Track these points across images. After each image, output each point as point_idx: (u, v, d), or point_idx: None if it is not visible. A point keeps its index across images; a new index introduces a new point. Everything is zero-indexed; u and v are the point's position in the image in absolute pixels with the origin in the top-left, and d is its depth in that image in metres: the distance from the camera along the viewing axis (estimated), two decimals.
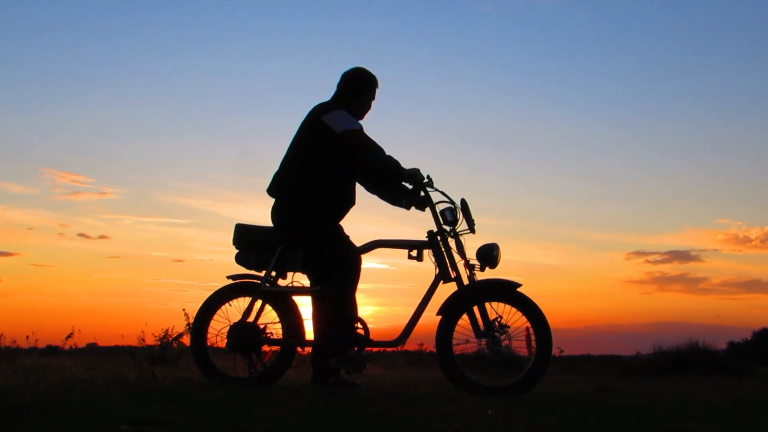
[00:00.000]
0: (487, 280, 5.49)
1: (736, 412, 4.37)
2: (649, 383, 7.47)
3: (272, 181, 5.70)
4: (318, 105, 5.66)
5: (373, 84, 5.75)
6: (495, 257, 5.48)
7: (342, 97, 5.69)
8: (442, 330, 5.48)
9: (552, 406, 4.46)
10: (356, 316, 5.50)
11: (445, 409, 4.07)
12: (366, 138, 5.50)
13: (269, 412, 3.85)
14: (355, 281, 5.49)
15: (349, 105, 5.64)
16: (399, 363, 10.05)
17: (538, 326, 5.39)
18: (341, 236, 5.62)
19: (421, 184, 5.55)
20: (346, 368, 5.48)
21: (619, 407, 4.49)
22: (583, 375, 9.52)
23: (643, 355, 12.40)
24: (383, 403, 4.44)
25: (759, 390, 6.61)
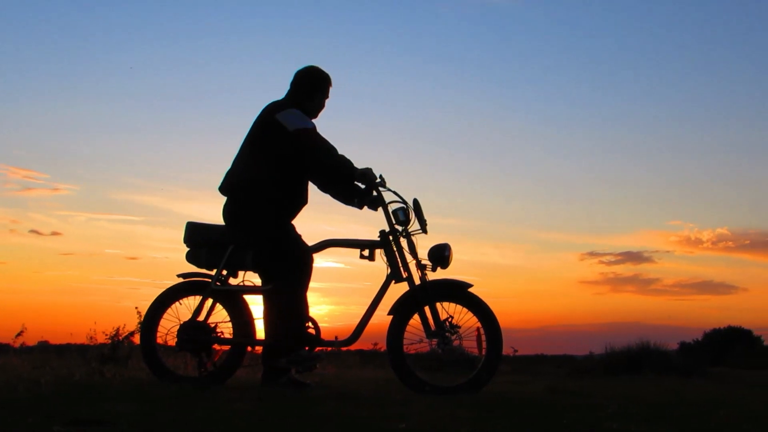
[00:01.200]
0: (438, 280, 5.49)
1: (681, 412, 4.42)
2: (600, 383, 7.52)
3: (224, 179, 5.66)
4: (271, 103, 5.63)
5: (326, 82, 5.74)
6: (446, 257, 5.49)
7: (295, 96, 5.67)
8: (392, 330, 5.48)
9: (500, 406, 4.46)
10: (307, 316, 5.49)
11: (394, 410, 4.06)
12: (319, 137, 5.49)
13: (215, 412, 3.83)
14: (306, 280, 5.47)
15: (302, 103, 5.62)
16: (353, 362, 10.03)
17: (489, 326, 5.41)
18: (293, 235, 5.60)
19: (374, 183, 5.55)
20: (297, 368, 5.46)
21: (566, 407, 4.51)
22: (536, 375, 9.56)
23: (595, 355, 12.50)
24: (332, 403, 4.43)
25: (707, 390, 6.69)
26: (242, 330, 5.64)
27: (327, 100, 5.78)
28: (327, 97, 5.77)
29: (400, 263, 5.55)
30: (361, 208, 5.79)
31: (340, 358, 10.26)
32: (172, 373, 5.62)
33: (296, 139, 5.44)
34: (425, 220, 5.59)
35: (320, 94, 5.71)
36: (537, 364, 12.92)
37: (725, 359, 16.52)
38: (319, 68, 5.75)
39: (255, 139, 5.59)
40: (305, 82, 5.69)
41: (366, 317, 5.55)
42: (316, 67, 5.76)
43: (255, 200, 5.52)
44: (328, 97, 5.77)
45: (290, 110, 5.50)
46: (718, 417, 4.12)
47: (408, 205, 5.59)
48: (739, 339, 19.61)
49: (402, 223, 5.57)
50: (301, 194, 5.70)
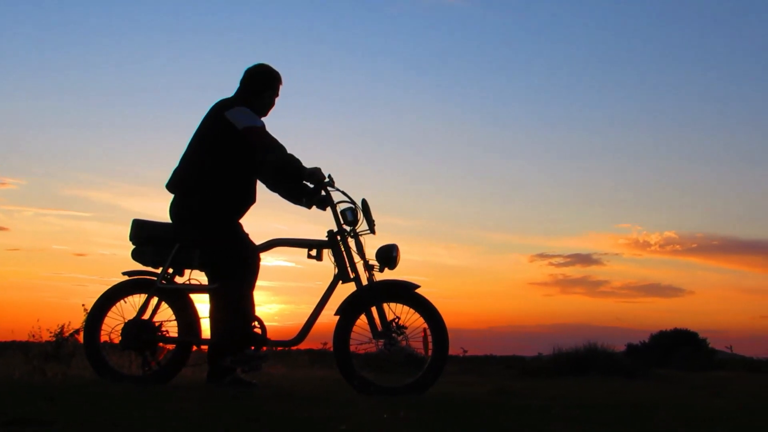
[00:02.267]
0: (385, 280, 5.50)
1: (622, 414, 4.46)
2: (547, 384, 7.58)
3: (171, 176, 5.61)
4: (220, 101, 5.59)
5: (276, 80, 5.71)
6: (394, 258, 5.50)
7: (245, 94, 5.63)
8: (339, 330, 5.47)
9: (444, 407, 4.48)
10: (253, 315, 5.47)
11: (336, 411, 4.05)
12: (268, 136, 5.47)
13: (154, 412, 3.79)
14: (252, 280, 5.45)
15: (251, 101, 5.59)
16: (301, 362, 9.99)
17: (435, 327, 5.42)
18: (240, 234, 5.56)
19: (322, 183, 5.54)
20: (242, 367, 5.44)
21: (511, 409, 4.54)
22: (484, 375, 9.62)
23: (544, 356, 12.61)
24: (275, 403, 4.41)
25: (650, 392, 6.77)
26: (188, 329, 5.60)
27: (277, 99, 5.75)
28: (277, 96, 5.74)
29: (348, 263, 5.55)
30: (310, 208, 5.77)
31: (289, 358, 10.21)
32: (115, 372, 5.56)
33: (245, 137, 5.41)
34: (373, 220, 5.60)
35: (270, 92, 5.68)
36: (486, 365, 13.00)
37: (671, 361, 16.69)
38: (269, 66, 5.72)
39: (203, 136, 5.55)
40: (255, 79, 5.65)
41: (313, 317, 5.54)
42: (266, 65, 5.73)
43: (202, 198, 5.48)
44: (278, 96, 5.75)
45: (240, 108, 5.47)
46: (657, 419, 4.17)
47: (356, 206, 5.59)
48: (685, 341, 19.86)
49: (350, 223, 5.57)
50: (249, 193, 5.67)
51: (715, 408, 4.92)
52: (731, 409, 4.89)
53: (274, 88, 5.70)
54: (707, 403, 5.38)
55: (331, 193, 5.61)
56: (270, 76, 5.69)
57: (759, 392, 6.94)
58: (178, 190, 5.56)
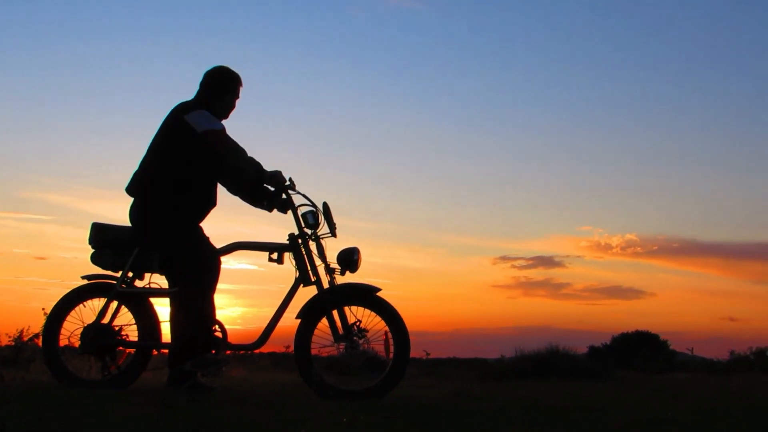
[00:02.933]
0: (346, 284, 5.51)
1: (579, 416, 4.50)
2: (508, 387, 7.62)
3: (131, 179, 5.58)
4: (180, 104, 5.57)
5: (236, 83, 5.69)
6: (355, 261, 5.51)
7: (204, 96, 5.61)
8: (300, 334, 5.47)
9: (402, 411, 4.50)
10: (214, 319, 5.45)
11: (294, 414, 4.05)
12: (228, 139, 5.45)
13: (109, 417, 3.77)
14: (213, 283, 5.42)
15: (211, 104, 5.57)
16: (263, 365, 9.99)
17: (396, 331, 5.44)
18: (200, 237, 5.55)
19: (283, 186, 5.54)
20: (203, 371, 5.41)
21: (468, 412, 4.56)
22: (446, 378, 9.65)
23: (506, 359, 12.67)
24: (233, 407, 4.40)
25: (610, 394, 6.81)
26: (147, 333, 5.57)
27: (237, 101, 5.74)
28: (237, 98, 5.72)
29: (309, 267, 5.55)
30: (271, 211, 5.76)
31: (250, 361, 10.20)
32: (74, 377, 5.51)
33: (205, 140, 5.39)
34: (335, 223, 5.60)
35: (230, 94, 5.66)
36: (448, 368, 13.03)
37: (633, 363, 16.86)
38: (228, 68, 5.71)
39: (163, 140, 5.52)
40: (214, 82, 5.63)
41: (273, 321, 5.54)
42: (225, 68, 5.71)
43: (162, 202, 5.45)
44: (238, 98, 5.73)
45: (199, 111, 5.45)
46: (614, 422, 4.21)
47: (317, 209, 5.59)
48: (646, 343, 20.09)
49: (311, 226, 5.57)
50: (209, 196, 5.65)
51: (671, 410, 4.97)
52: (687, 412, 4.95)
53: (234, 90, 5.68)
54: (664, 405, 5.44)
55: (292, 197, 5.62)
56: (230, 78, 5.67)
57: (717, 394, 7.00)
58: (138, 193, 5.53)
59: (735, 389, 7.78)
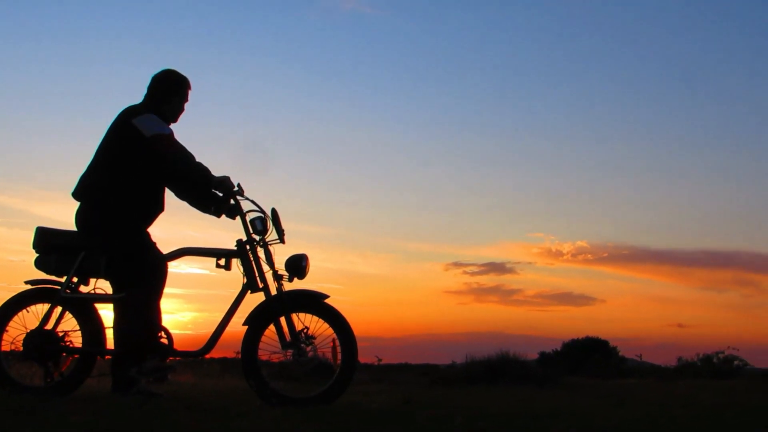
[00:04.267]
0: (294, 290, 5.48)
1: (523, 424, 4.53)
2: (457, 393, 7.64)
3: (78, 183, 5.52)
4: (127, 108, 5.51)
5: (184, 86, 5.65)
6: (303, 268, 5.49)
7: (152, 100, 5.56)
8: (247, 340, 5.43)
9: (347, 418, 4.48)
10: (160, 325, 5.40)
11: (239, 422, 4.03)
12: (176, 143, 5.41)
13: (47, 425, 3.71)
14: (159, 289, 5.38)
15: (159, 108, 5.52)
16: (212, 371, 9.88)
17: (344, 338, 5.42)
18: (147, 243, 5.49)
19: (231, 192, 5.51)
20: (148, 378, 5.36)
21: (414, 419, 4.56)
22: (397, 384, 9.62)
23: (457, 365, 12.69)
24: (177, 415, 4.36)
25: (556, 400, 6.86)
26: (92, 339, 5.50)
27: (186, 105, 5.69)
28: (186, 101, 5.68)
29: (257, 273, 5.52)
30: (219, 217, 5.73)
31: (199, 367, 10.10)
32: (16, 383, 5.42)
33: (152, 144, 5.34)
34: (283, 230, 5.58)
35: (178, 98, 5.61)
36: (400, 373, 12.99)
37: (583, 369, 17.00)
38: (176, 72, 5.66)
39: (110, 143, 5.47)
40: (162, 85, 5.58)
41: (221, 327, 5.49)
42: (173, 71, 5.66)
43: (109, 206, 5.39)
44: (187, 101, 5.68)
45: (147, 115, 5.40)
46: (557, 428, 4.24)
47: (266, 215, 5.56)
48: (596, 349, 20.25)
49: (259, 232, 5.54)
50: (156, 201, 5.60)
51: (615, 417, 5.02)
52: (632, 419, 5.00)
53: (183, 94, 5.64)
54: (609, 412, 5.49)
55: (241, 202, 5.58)
56: (178, 82, 5.63)
57: (663, 401, 7.08)
58: (85, 197, 5.47)
59: (680, 395, 7.88)
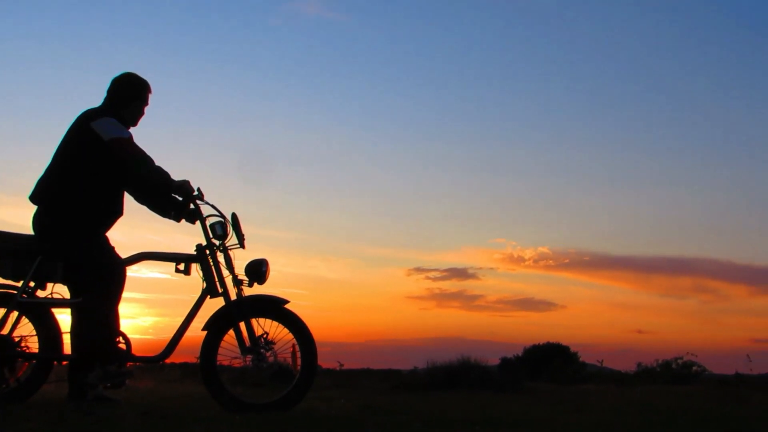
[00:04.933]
0: (254, 296, 5.47)
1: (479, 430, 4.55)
2: (417, 399, 7.65)
3: (35, 187, 5.45)
4: (86, 111, 5.46)
5: (144, 90, 5.61)
6: (263, 273, 5.48)
7: (112, 104, 5.52)
8: (206, 346, 5.41)
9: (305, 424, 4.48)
10: (118, 330, 5.35)
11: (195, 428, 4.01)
12: (135, 147, 5.36)
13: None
14: (117, 294, 5.32)
15: (119, 112, 5.48)
16: (172, 376, 9.83)
17: (303, 343, 5.42)
18: (105, 247, 5.44)
19: (191, 196, 5.48)
20: (105, 384, 5.31)
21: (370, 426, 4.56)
22: (358, 390, 9.62)
23: (419, 370, 12.72)
24: (135, 421, 4.34)
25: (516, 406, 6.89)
26: (49, 344, 5.43)
27: (146, 108, 5.65)
28: (146, 105, 5.64)
29: (216, 278, 5.49)
30: (179, 221, 5.69)
31: (159, 372, 10.04)
32: None
33: (111, 148, 5.30)
34: (243, 234, 5.57)
35: (138, 101, 5.57)
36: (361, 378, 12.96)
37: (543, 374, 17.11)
38: (136, 75, 5.62)
39: (69, 147, 5.41)
40: (122, 89, 5.54)
41: (179, 332, 5.46)
42: (133, 74, 5.62)
43: (67, 211, 5.34)
44: (147, 105, 5.64)
45: (106, 119, 5.35)
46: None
47: (226, 219, 5.54)
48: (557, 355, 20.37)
49: (219, 237, 5.51)
50: (115, 205, 5.55)
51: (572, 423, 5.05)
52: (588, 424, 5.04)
53: (143, 97, 5.60)
54: (566, 418, 5.53)
55: (200, 207, 5.56)
56: (138, 85, 5.59)
57: (620, 406, 7.14)
58: (42, 201, 5.41)
59: (637, 401, 7.95)
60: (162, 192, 5.56)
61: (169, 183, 5.38)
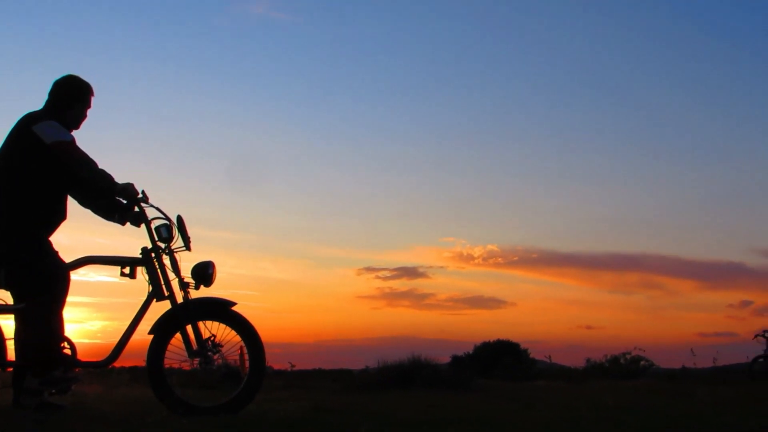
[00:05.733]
0: (200, 298, 5.43)
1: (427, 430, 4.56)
2: (368, 399, 7.65)
3: None
4: (28, 114, 5.38)
5: (87, 92, 5.54)
6: (210, 276, 5.45)
7: (54, 107, 5.44)
8: (152, 349, 5.36)
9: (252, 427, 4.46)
10: (62, 335, 5.28)
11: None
12: (78, 150, 5.30)
13: None
14: (61, 299, 5.26)
15: (61, 115, 5.41)
16: (122, 380, 9.72)
17: (252, 345, 5.39)
18: (48, 251, 5.36)
19: (135, 199, 5.42)
20: (51, 390, 5.24)
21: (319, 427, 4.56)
22: (309, 390, 9.62)
23: (371, 369, 12.75)
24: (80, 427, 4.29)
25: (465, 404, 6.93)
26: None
27: (89, 111, 5.59)
28: (89, 108, 5.58)
29: (162, 281, 5.44)
30: (123, 224, 5.63)
31: (109, 377, 9.93)
32: None
33: (53, 152, 5.23)
34: (189, 237, 5.52)
35: (80, 104, 5.51)
36: (313, 379, 12.98)
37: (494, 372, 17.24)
38: (78, 77, 5.56)
39: (10, 151, 5.33)
40: (64, 91, 5.47)
41: (125, 337, 5.40)
42: (76, 77, 5.56)
43: (9, 215, 5.25)
44: (90, 107, 5.58)
45: (48, 122, 5.28)
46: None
47: (171, 222, 5.49)
48: (507, 352, 20.54)
49: (165, 240, 5.47)
50: (58, 209, 5.47)
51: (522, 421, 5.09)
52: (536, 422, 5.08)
53: (85, 100, 5.54)
54: (516, 416, 5.57)
55: (145, 209, 5.50)
56: (80, 87, 5.53)
57: (569, 403, 7.22)
58: None
59: (586, 397, 8.03)
60: (106, 195, 5.50)
61: (113, 186, 5.32)
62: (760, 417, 5.74)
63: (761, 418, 5.68)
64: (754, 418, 5.60)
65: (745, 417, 5.63)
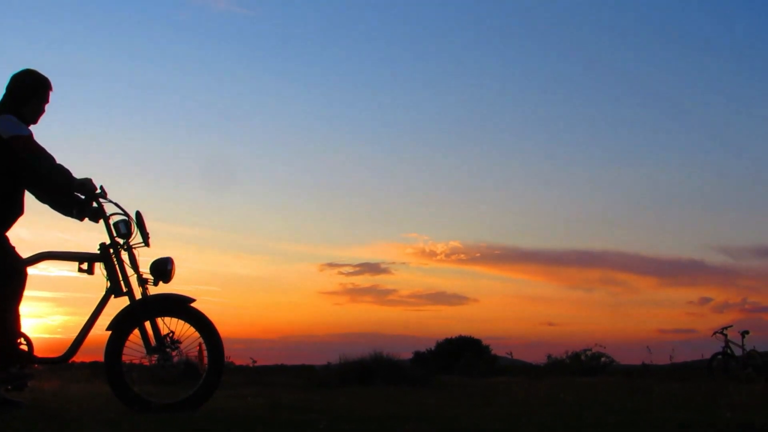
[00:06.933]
0: (159, 294, 5.41)
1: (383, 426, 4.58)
2: (328, 395, 7.66)
3: None
4: None
5: (45, 87, 5.50)
6: (169, 272, 5.43)
7: (11, 101, 5.39)
8: (110, 346, 5.33)
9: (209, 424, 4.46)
10: (19, 331, 5.23)
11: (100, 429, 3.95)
12: (35, 145, 5.25)
13: None
14: (18, 294, 5.21)
15: (18, 109, 5.36)
16: (81, 376, 9.65)
17: (210, 341, 5.38)
18: (5, 247, 5.31)
19: (93, 194, 5.39)
20: (6, 386, 5.19)
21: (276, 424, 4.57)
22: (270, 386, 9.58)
23: (332, 365, 12.74)
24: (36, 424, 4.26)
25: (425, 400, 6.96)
26: None
27: (47, 106, 5.54)
28: (47, 102, 5.53)
29: (121, 277, 5.41)
30: (82, 220, 5.59)
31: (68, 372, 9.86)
32: None
33: (11, 146, 5.18)
34: (148, 233, 5.50)
35: (38, 99, 5.46)
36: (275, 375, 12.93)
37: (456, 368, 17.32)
38: (36, 72, 5.51)
39: None
40: (22, 86, 5.43)
41: (83, 333, 5.37)
42: (34, 71, 5.51)
43: None
44: (48, 102, 5.53)
45: (5, 116, 5.24)
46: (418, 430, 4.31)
47: (130, 217, 5.46)
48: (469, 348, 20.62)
49: (123, 236, 5.44)
50: (15, 204, 5.42)
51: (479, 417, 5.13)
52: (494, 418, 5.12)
53: (43, 95, 5.49)
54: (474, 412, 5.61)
55: (104, 205, 5.47)
56: (38, 82, 5.48)
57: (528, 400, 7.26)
58: None
59: (545, 394, 8.09)
60: (64, 190, 5.45)
61: (71, 181, 5.28)
62: (715, 412, 5.82)
63: (716, 413, 5.75)
64: (709, 412, 5.67)
65: (700, 412, 5.70)
